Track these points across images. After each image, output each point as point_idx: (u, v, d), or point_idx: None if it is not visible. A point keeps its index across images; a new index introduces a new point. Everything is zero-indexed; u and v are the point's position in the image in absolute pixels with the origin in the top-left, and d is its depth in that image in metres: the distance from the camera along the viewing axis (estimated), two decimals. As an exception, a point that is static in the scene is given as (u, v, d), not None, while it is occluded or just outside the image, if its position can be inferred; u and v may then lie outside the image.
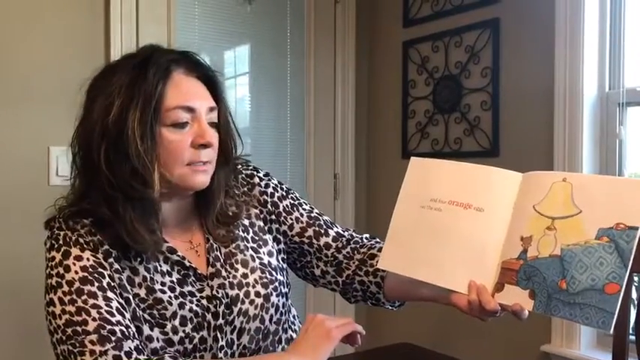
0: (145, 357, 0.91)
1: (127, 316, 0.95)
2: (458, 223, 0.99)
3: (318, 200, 2.56)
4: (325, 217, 1.23)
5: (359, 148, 2.68)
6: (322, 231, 1.20)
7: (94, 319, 0.90)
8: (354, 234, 1.23)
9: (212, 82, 1.05)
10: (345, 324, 0.99)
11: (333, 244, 1.19)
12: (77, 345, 0.90)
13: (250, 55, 2.47)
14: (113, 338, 0.90)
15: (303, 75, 2.59)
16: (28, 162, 1.91)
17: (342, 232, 1.22)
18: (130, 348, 0.90)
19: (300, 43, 2.57)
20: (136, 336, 0.95)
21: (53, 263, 0.97)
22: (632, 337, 1.47)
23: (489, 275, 0.95)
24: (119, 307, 0.94)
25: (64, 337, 0.91)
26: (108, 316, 0.92)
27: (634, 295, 1.61)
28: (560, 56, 1.93)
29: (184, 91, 1.00)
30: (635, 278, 1.69)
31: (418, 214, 1.04)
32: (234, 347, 1.06)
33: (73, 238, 0.98)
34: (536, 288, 0.91)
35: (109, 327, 0.90)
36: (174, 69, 1.00)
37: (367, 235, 1.23)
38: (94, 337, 0.89)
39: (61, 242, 0.98)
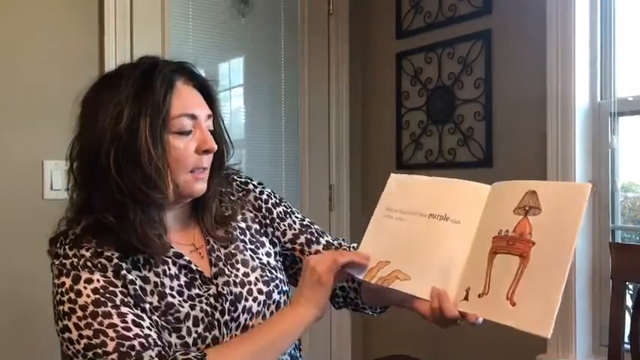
0: None
1: (146, 324, 0.97)
2: (431, 234, 1.02)
3: (314, 211, 2.56)
4: (316, 226, 1.27)
5: (354, 159, 2.69)
6: (314, 239, 1.23)
7: (112, 339, 0.93)
8: (343, 242, 1.27)
9: (207, 91, 1.10)
10: (330, 265, 1.02)
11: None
12: None
13: (244, 68, 2.48)
14: (133, 353, 0.93)
15: (297, 86, 2.60)
16: (22, 176, 1.91)
17: (331, 241, 1.25)
18: (150, 357, 0.93)
19: (293, 55, 2.59)
20: (158, 342, 0.96)
21: (64, 289, 0.97)
22: (627, 347, 1.47)
23: (454, 283, 0.97)
24: (135, 319, 0.96)
25: None
26: (125, 332, 0.94)
27: (629, 303, 1.61)
28: (551, 67, 1.94)
29: (186, 100, 1.04)
30: (630, 287, 1.70)
31: (392, 225, 1.08)
32: None
33: (81, 262, 0.99)
34: None
35: (127, 343, 0.93)
36: (176, 79, 1.04)
37: (355, 245, 1.24)
38: (114, 355, 0.92)
39: (69, 267, 0.99)
